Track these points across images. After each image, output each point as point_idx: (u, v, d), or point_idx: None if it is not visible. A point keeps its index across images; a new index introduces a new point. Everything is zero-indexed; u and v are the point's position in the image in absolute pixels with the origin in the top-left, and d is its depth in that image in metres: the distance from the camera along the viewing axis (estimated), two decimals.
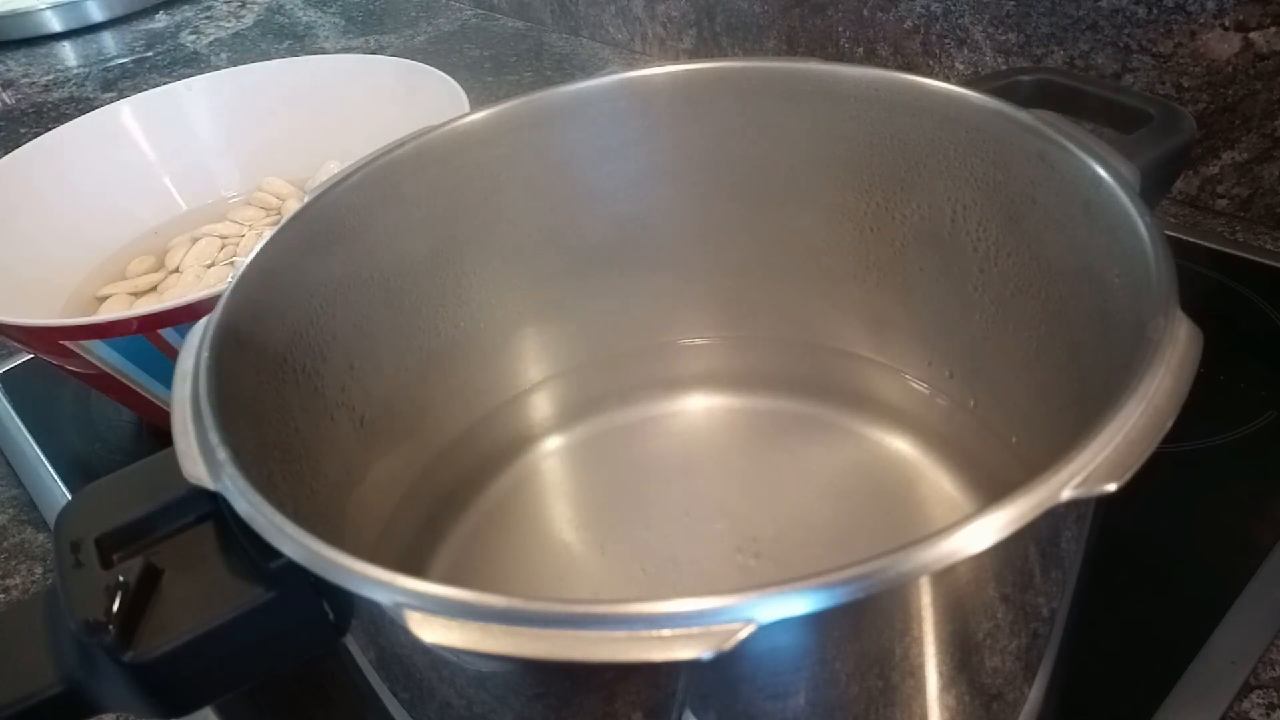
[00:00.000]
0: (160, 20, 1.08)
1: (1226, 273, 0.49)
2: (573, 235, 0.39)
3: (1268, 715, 0.31)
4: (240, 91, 0.60)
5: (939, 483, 0.36)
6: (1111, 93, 0.37)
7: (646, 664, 0.18)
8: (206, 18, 1.06)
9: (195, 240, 0.55)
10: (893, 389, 0.39)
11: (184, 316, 0.39)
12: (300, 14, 1.04)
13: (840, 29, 0.67)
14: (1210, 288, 0.48)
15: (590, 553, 0.35)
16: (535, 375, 0.41)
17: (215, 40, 0.99)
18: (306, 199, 0.33)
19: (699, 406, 0.40)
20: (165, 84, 0.60)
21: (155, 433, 0.50)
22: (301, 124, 0.55)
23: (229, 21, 1.04)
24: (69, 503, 0.24)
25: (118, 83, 0.93)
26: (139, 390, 0.43)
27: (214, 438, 0.23)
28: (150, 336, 0.40)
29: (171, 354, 0.40)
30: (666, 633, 0.17)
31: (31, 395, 0.54)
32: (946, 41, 0.61)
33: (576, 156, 0.38)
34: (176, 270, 0.53)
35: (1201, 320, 0.23)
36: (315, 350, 0.32)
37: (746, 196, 0.39)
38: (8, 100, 0.92)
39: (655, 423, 0.40)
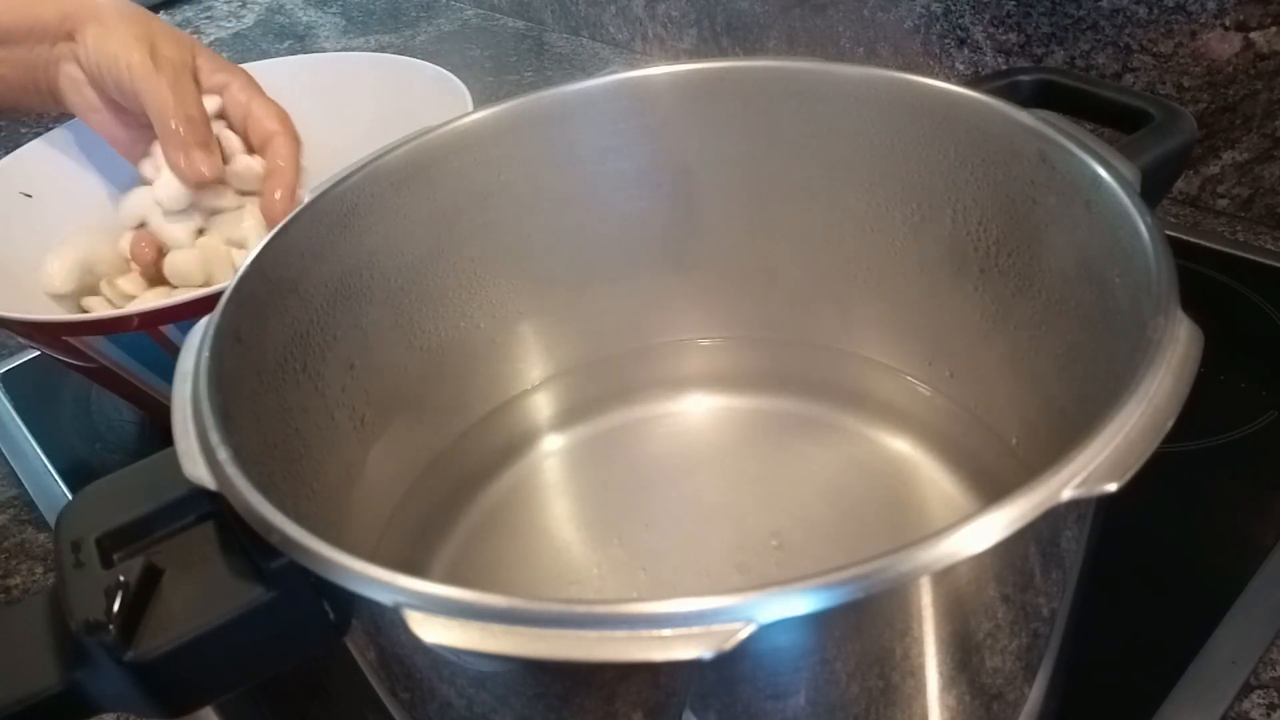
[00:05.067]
0: None
1: (1226, 273, 0.49)
2: (573, 235, 0.39)
3: (1268, 715, 0.31)
4: None
5: (939, 483, 0.36)
6: (1112, 93, 0.37)
7: (647, 664, 0.18)
8: (206, 18, 1.06)
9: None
10: (893, 389, 0.39)
11: (185, 313, 0.39)
12: (300, 14, 1.03)
13: (840, 29, 0.67)
14: (1210, 288, 0.48)
15: (591, 552, 0.35)
16: (536, 375, 0.41)
17: (215, 40, 0.99)
18: (306, 199, 0.33)
19: (699, 406, 0.40)
20: None
21: (159, 429, 0.50)
22: (301, 124, 0.55)
23: (229, 21, 1.04)
24: (69, 503, 0.24)
25: None
26: (141, 385, 0.43)
27: (214, 438, 0.23)
28: (151, 333, 0.40)
29: (173, 350, 0.40)
30: (666, 633, 0.17)
31: (32, 395, 0.54)
32: (947, 41, 0.61)
33: (576, 156, 0.38)
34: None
35: (1201, 320, 0.23)
36: (315, 350, 0.32)
37: (746, 197, 0.39)
38: None
39: (655, 423, 0.40)
